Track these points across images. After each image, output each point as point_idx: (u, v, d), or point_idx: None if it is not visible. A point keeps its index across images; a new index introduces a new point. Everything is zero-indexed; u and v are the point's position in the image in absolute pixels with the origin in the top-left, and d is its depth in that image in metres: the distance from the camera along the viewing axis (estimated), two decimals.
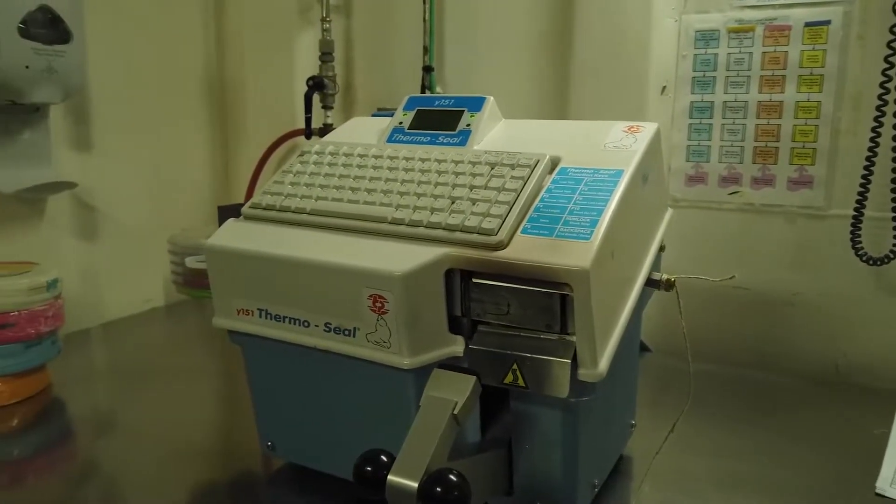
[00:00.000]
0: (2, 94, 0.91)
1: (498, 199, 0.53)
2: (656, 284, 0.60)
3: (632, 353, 0.66)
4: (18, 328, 0.79)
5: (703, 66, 0.96)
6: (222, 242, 0.59)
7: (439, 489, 0.42)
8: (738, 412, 0.84)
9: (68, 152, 1.07)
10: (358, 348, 0.54)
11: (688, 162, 0.99)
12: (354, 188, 0.59)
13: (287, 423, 0.63)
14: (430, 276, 0.51)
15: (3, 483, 0.69)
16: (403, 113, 0.68)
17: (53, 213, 1.05)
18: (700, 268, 0.98)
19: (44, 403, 0.83)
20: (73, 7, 0.96)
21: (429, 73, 1.10)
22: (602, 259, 0.49)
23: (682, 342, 1.01)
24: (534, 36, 1.06)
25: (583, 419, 0.53)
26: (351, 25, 1.22)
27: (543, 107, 1.07)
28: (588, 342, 0.48)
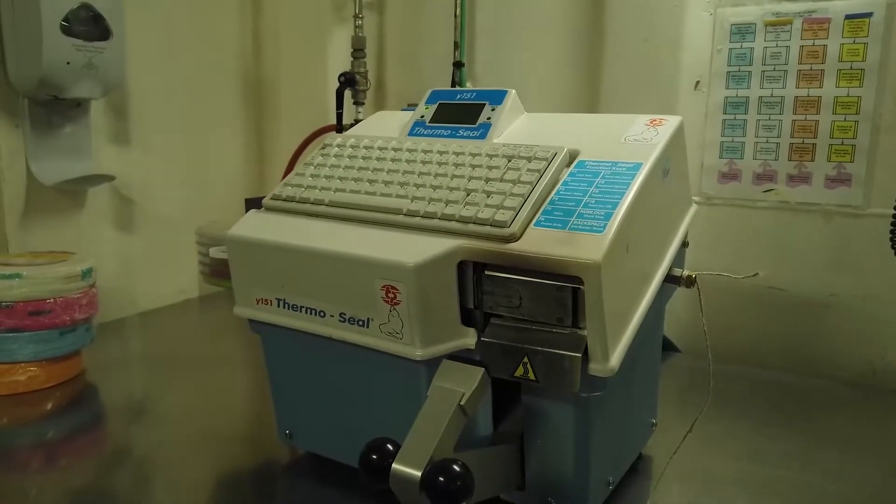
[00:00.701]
0: (44, 90, 0.95)
1: (513, 191, 0.53)
2: (677, 281, 0.59)
3: (652, 350, 0.65)
4: (54, 315, 0.81)
5: (738, 60, 0.94)
6: (242, 233, 0.60)
7: (442, 479, 0.42)
8: (768, 415, 0.82)
9: (108, 146, 1.10)
10: (371, 339, 0.54)
11: (721, 159, 0.97)
12: (372, 180, 0.59)
13: (304, 412, 0.64)
14: (443, 268, 0.51)
15: (37, 464, 0.71)
16: (425, 107, 0.68)
17: (93, 205, 1.09)
18: (733, 267, 0.96)
19: (77, 388, 0.86)
20: (113, 5, 0.99)
21: (459, 68, 1.10)
22: (615, 253, 0.48)
23: (716, 344, 0.99)
24: (565, 30, 1.05)
25: (595, 415, 0.53)
26: (384, 22, 1.23)
27: (573, 102, 1.06)
28: (599, 336, 0.48)
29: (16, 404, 0.80)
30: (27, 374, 0.80)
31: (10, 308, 0.79)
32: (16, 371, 0.80)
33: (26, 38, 0.92)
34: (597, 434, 0.54)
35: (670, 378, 0.95)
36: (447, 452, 0.45)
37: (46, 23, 0.91)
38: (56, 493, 0.64)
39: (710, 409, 0.83)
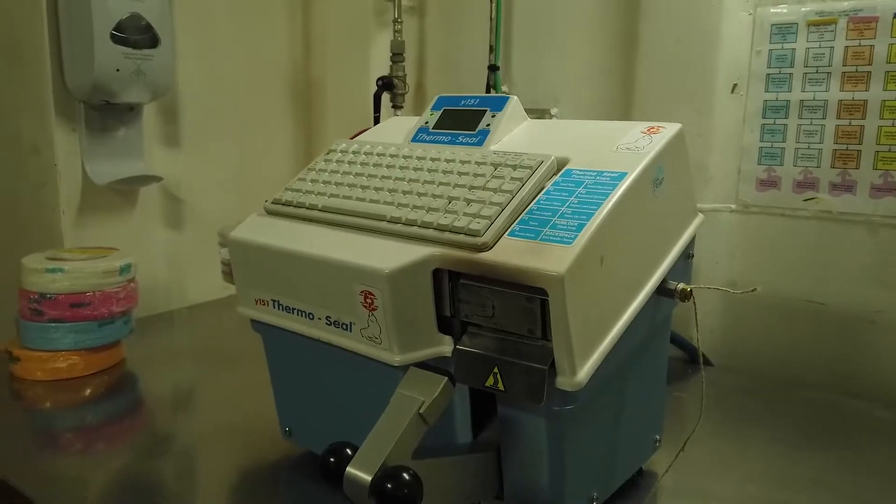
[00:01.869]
0: (96, 95, 1.01)
1: (492, 199, 0.53)
2: (670, 294, 0.57)
3: (650, 364, 0.63)
4: (93, 307, 0.87)
5: (778, 61, 0.89)
6: (242, 235, 0.62)
7: (390, 486, 0.43)
8: (795, 436, 0.78)
9: (159, 148, 1.16)
10: (354, 342, 0.55)
11: (759, 165, 0.93)
12: (364, 186, 0.61)
13: (301, 410, 0.66)
14: (418, 275, 0.52)
15: (77, 447, 0.76)
16: (430, 112, 0.69)
17: (144, 204, 1.15)
18: (771, 279, 0.92)
19: (116, 377, 0.92)
20: (161, 14, 1.04)
21: (493, 72, 1.10)
22: (584, 265, 0.47)
23: (750, 358, 0.95)
24: (599, 32, 1.03)
25: (569, 428, 0.52)
26: (424, 26, 1.24)
27: (608, 105, 1.03)
28: (566, 349, 0.47)
29: (57, 390, 0.86)
30: (68, 362, 0.86)
31: (53, 300, 0.85)
32: (57, 359, 0.86)
33: (80, 47, 0.98)
34: (573, 447, 0.53)
35: (698, 392, 0.92)
36: (403, 458, 0.45)
37: (98, 32, 0.97)
38: (90, 473, 0.69)
39: (733, 426, 0.81)
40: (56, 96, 1.02)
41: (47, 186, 1.04)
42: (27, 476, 0.67)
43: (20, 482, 0.65)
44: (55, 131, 1.02)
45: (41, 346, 0.86)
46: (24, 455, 0.72)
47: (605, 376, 0.52)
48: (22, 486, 0.64)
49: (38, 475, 0.68)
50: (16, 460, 0.70)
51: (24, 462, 0.70)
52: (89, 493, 0.65)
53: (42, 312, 0.85)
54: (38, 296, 0.85)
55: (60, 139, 1.03)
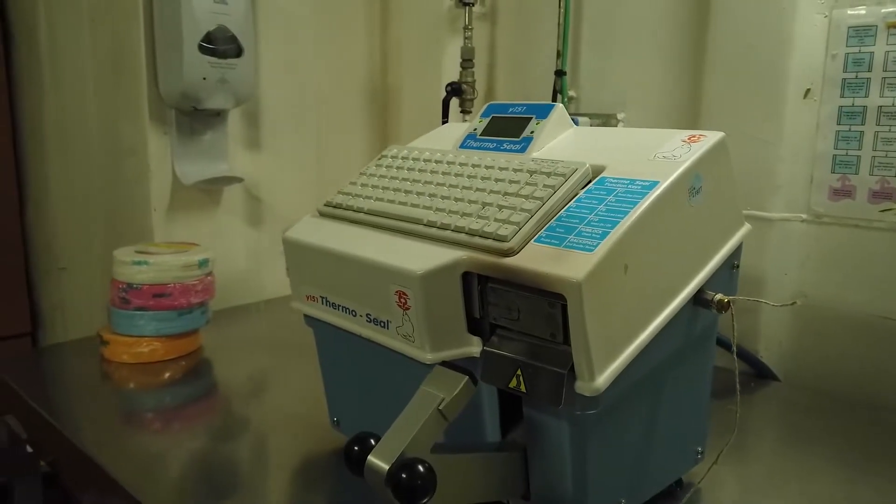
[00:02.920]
0: (185, 101, 1.09)
1: (522, 206, 0.54)
2: (707, 304, 0.57)
3: (692, 375, 0.62)
4: (172, 298, 0.94)
5: (855, 65, 0.85)
6: (295, 236, 0.66)
7: (404, 476, 0.45)
8: (863, 459, 0.74)
9: (242, 150, 1.24)
10: (390, 339, 0.58)
11: (833, 173, 0.89)
12: (408, 191, 0.63)
13: (348, 401, 0.70)
14: (448, 278, 0.54)
15: (156, 427, 0.83)
16: (480, 119, 0.71)
17: (227, 203, 1.23)
18: (844, 293, 0.88)
19: (194, 363, 0.99)
20: (245, 26, 1.11)
21: (560, 77, 1.10)
22: (605, 272, 0.48)
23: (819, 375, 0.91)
24: (669, 37, 1.02)
25: (593, 433, 0.52)
26: (495, 32, 1.26)
27: (676, 110, 1.02)
28: (584, 355, 0.48)
29: (140, 372, 0.94)
30: (150, 348, 0.94)
31: (138, 290, 0.93)
32: (141, 344, 0.94)
33: (171, 57, 1.07)
34: (597, 452, 0.53)
35: (761, 407, 0.89)
36: (422, 451, 0.48)
37: (187, 43, 1.05)
38: (166, 450, 0.75)
39: (794, 444, 0.78)
40: (150, 102, 1.11)
41: (141, 185, 1.14)
42: (109, 450, 0.74)
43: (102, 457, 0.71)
44: (149, 135, 1.11)
45: (127, 331, 0.94)
46: (108, 431, 0.79)
47: (631, 383, 0.52)
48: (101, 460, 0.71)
49: (119, 451, 0.74)
50: (100, 436, 0.78)
51: (108, 437, 0.77)
52: (165, 469, 0.71)
53: (129, 301, 0.93)
54: (125, 286, 0.93)
55: (153, 142, 1.12)
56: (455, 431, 0.60)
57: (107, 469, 0.69)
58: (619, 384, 0.51)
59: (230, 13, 1.09)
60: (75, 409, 0.86)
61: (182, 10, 1.04)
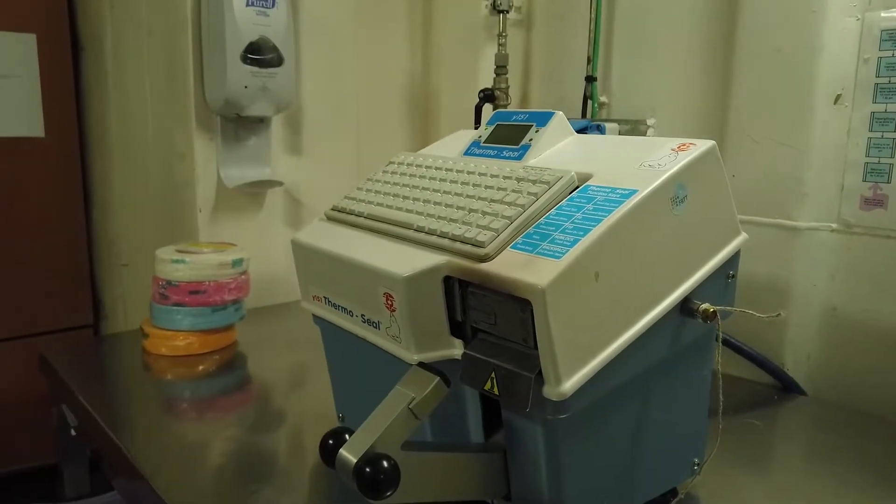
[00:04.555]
0: (228, 108, 1.15)
1: (504, 213, 0.56)
2: (692, 314, 0.56)
3: (683, 386, 0.61)
4: (207, 295, 0.99)
5: (888, 70, 0.82)
6: (302, 238, 0.69)
7: (368, 469, 0.47)
8: (888, 482, 0.71)
9: (284, 155, 1.29)
10: (381, 339, 0.60)
11: (864, 182, 0.85)
12: (406, 197, 0.65)
13: (350, 398, 0.72)
14: (431, 281, 0.55)
15: (189, 416, 0.89)
16: (486, 127, 0.72)
17: (270, 205, 1.28)
18: (875, 306, 0.85)
19: (227, 357, 1.04)
20: (286, 36, 1.16)
21: (590, 83, 1.10)
22: (572, 279, 0.48)
23: (848, 390, 0.88)
24: (698, 41, 1.00)
25: (567, 438, 0.53)
26: (530, 38, 1.27)
27: (704, 116, 1.00)
28: (550, 359, 0.49)
29: (176, 364, 1.00)
30: (185, 341, 1.00)
31: (176, 286, 0.99)
32: (177, 337, 0.99)
33: (215, 66, 1.13)
34: (572, 457, 0.54)
35: (784, 422, 0.87)
36: (391, 448, 0.50)
37: (230, 53, 1.11)
38: (198, 438, 0.80)
39: (809, 460, 0.76)
40: (197, 110, 1.17)
41: (188, 188, 1.20)
42: (139, 438, 0.79)
43: (132, 445, 0.76)
44: (195, 140, 1.18)
45: (165, 325, 1.00)
46: (142, 419, 0.85)
47: (609, 390, 0.53)
48: (130, 449, 0.76)
49: (148, 439, 0.80)
50: (133, 424, 0.84)
51: (140, 426, 0.83)
52: (191, 457, 0.76)
53: (167, 297, 0.99)
54: (164, 282, 0.99)
55: (200, 147, 1.19)
56: (441, 431, 0.62)
57: (132, 459, 0.74)
58: (591, 390, 0.51)
59: (272, 24, 1.14)
60: (115, 398, 0.92)
61: (226, 22, 1.09)
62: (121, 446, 0.76)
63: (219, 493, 0.69)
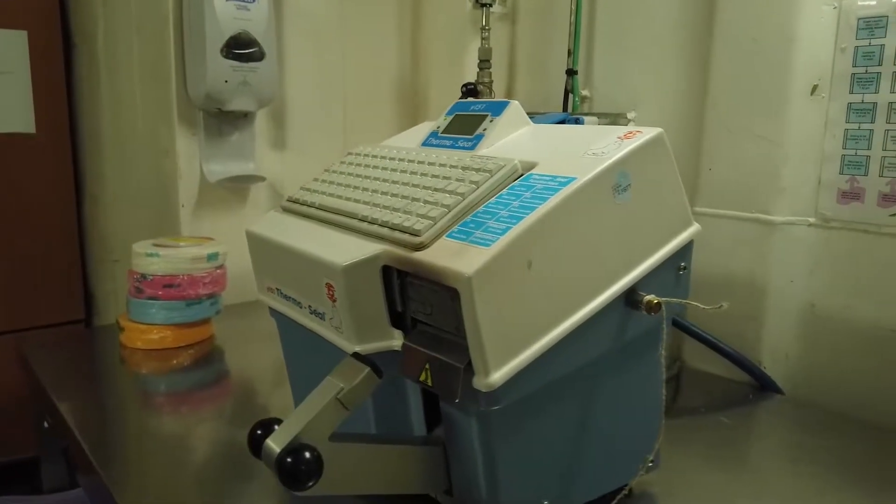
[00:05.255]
0: (209, 103, 1.15)
1: (443, 201, 0.54)
2: (636, 305, 0.55)
3: (632, 381, 0.60)
4: (181, 289, 0.99)
5: (865, 59, 0.80)
6: (254, 229, 0.69)
7: (289, 460, 0.46)
8: (859, 484, 0.68)
9: (269, 150, 1.29)
10: (326, 330, 0.60)
11: (842, 175, 0.83)
12: (356, 187, 0.65)
13: (306, 391, 0.71)
14: (369, 271, 0.55)
15: (164, 409, 0.89)
16: (444, 117, 0.71)
17: (253, 201, 1.28)
18: (854, 302, 0.83)
19: (204, 351, 1.04)
20: (267, 30, 1.16)
21: (571, 76, 1.09)
22: (501, 268, 0.47)
23: (826, 390, 0.86)
24: (679, 33, 0.98)
25: (501, 430, 0.52)
26: (515, 32, 1.25)
27: (684, 107, 0.98)
28: (478, 350, 0.48)
29: (151, 358, 1.00)
30: (160, 335, 1.00)
31: (150, 280, 0.99)
32: (152, 331, 0.99)
33: (196, 61, 1.13)
34: (507, 450, 0.53)
35: (759, 420, 0.85)
36: (318, 438, 0.49)
37: (210, 48, 1.10)
38: (172, 431, 0.81)
39: (778, 461, 0.74)
40: (180, 105, 1.17)
41: (171, 184, 1.20)
42: (101, 433, 0.79)
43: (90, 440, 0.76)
44: (178, 135, 1.18)
45: (140, 319, 1.00)
46: (114, 412, 0.85)
47: (547, 382, 0.52)
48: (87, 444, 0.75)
49: (118, 432, 0.80)
50: (104, 417, 0.84)
51: (110, 418, 0.83)
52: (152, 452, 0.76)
53: (142, 290, 0.99)
54: (139, 276, 0.99)
55: (182, 142, 1.19)
56: (386, 424, 0.62)
57: (88, 452, 0.74)
58: (526, 382, 0.50)
59: (252, 18, 1.14)
60: (86, 392, 0.92)
61: (205, 16, 1.09)
62: (80, 440, 0.76)
63: (174, 488, 0.69)
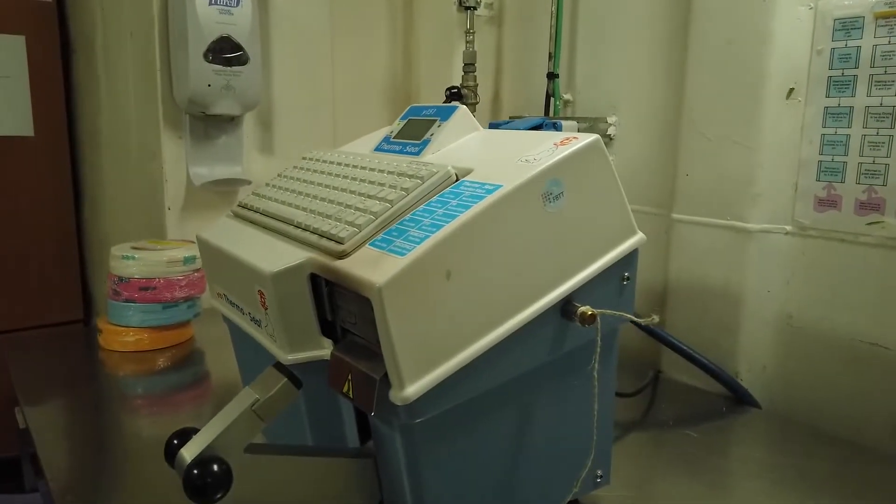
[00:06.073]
0: (193, 107, 1.15)
1: (372, 208, 0.53)
2: (570, 316, 0.53)
3: (576, 394, 0.58)
4: (157, 292, 1.00)
5: (841, 62, 0.77)
6: (203, 235, 0.68)
7: (196, 472, 0.46)
8: (813, 494, 0.66)
9: (258, 154, 1.29)
10: (262, 337, 0.59)
11: (818, 182, 0.80)
12: (300, 192, 0.64)
13: None
14: (296, 278, 0.54)
15: (146, 412, 0.89)
16: (398, 122, 0.70)
17: None
18: (831, 313, 0.80)
19: (183, 353, 1.04)
20: (251, 35, 1.16)
21: (552, 80, 1.07)
22: (416, 278, 0.46)
23: (803, 404, 0.83)
24: (656, 36, 0.96)
25: (426, 444, 0.51)
26: (502, 35, 1.24)
27: (664, 112, 0.96)
28: (392, 362, 0.46)
29: (127, 360, 1.00)
30: (136, 337, 1.00)
31: (127, 282, 0.99)
32: (128, 333, 1.00)
33: (180, 65, 1.13)
34: (434, 464, 0.51)
35: (734, 435, 0.82)
36: (232, 449, 0.48)
37: (192, 52, 1.11)
38: (147, 431, 0.81)
39: (743, 478, 0.71)
40: (165, 109, 1.18)
41: (158, 186, 1.21)
42: (63, 434, 0.79)
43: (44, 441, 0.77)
44: (164, 138, 1.19)
45: (117, 321, 1.00)
46: (89, 413, 0.86)
47: (473, 396, 0.50)
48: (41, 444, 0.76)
49: (77, 436, 0.80)
50: (79, 417, 0.85)
51: (88, 419, 0.84)
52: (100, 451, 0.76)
53: (119, 293, 1.00)
54: (117, 278, 1.00)
55: (168, 145, 1.19)
56: (321, 435, 0.61)
57: (41, 456, 0.74)
58: (449, 395, 0.49)
59: (236, 23, 1.14)
60: (56, 395, 0.92)
61: (188, 20, 1.10)
62: (35, 440, 0.76)
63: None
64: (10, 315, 1.45)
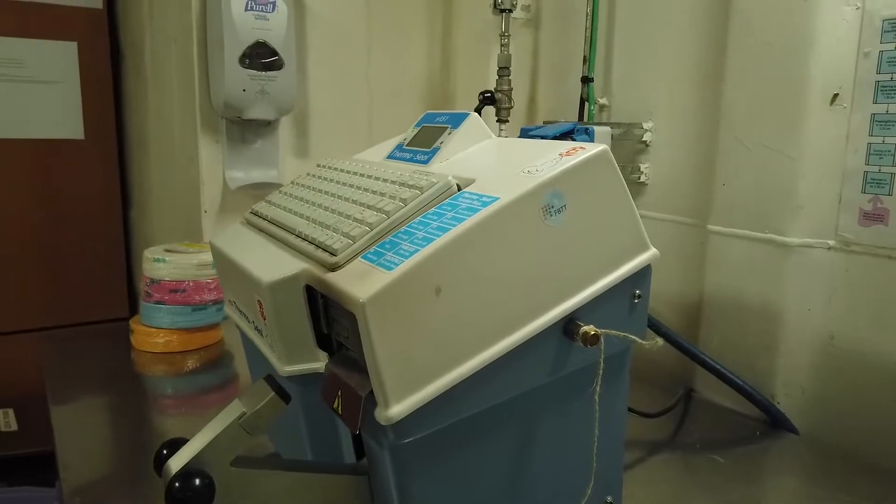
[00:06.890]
0: (229, 112, 1.17)
1: (368, 219, 0.52)
2: (572, 336, 0.51)
3: (582, 417, 0.55)
4: (187, 294, 1.01)
5: (890, 65, 0.72)
6: (215, 242, 0.68)
7: (177, 485, 0.45)
8: None
9: (294, 158, 1.30)
10: (264, 347, 0.59)
11: (864, 194, 0.75)
12: (307, 201, 0.63)
13: None
14: (292, 289, 0.53)
15: (172, 410, 0.91)
16: (412, 129, 0.69)
17: None
18: (876, 335, 0.75)
19: (212, 356, 1.05)
20: (287, 40, 1.17)
21: (586, 84, 1.03)
22: (403, 293, 0.44)
23: (845, 430, 0.78)
24: (694, 39, 0.92)
25: (418, 464, 0.49)
26: (538, 38, 1.21)
27: (700, 118, 0.91)
28: (376, 379, 0.45)
29: (157, 361, 1.02)
30: (165, 339, 1.02)
31: (157, 284, 1.01)
32: (158, 334, 1.02)
33: (216, 70, 1.15)
34: (426, 487, 0.50)
35: (769, 462, 0.78)
36: (218, 462, 0.47)
37: (228, 57, 1.12)
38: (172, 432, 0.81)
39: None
40: (203, 113, 1.20)
41: (195, 189, 1.23)
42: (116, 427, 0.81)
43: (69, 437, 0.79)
44: (201, 142, 1.21)
45: (148, 322, 1.02)
46: (123, 411, 0.88)
47: (466, 417, 0.48)
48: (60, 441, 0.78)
49: (135, 429, 0.82)
50: (103, 418, 0.86)
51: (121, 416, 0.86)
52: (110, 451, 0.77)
53: (151, 294, 1.02)
54: (149, 280, 1.02)
55: (205, 149, 1.21)
56: (318, 450, 0.60)
57: (59, 454, 0.75)
58: (440, 415, 0.47)
59: (271, 28, 1.15)
60: (84, 393, 0.94)
61: (224, 26, 1.11)
62: (55, 438, 0.78)
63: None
64: (57, 311, 1.50)
